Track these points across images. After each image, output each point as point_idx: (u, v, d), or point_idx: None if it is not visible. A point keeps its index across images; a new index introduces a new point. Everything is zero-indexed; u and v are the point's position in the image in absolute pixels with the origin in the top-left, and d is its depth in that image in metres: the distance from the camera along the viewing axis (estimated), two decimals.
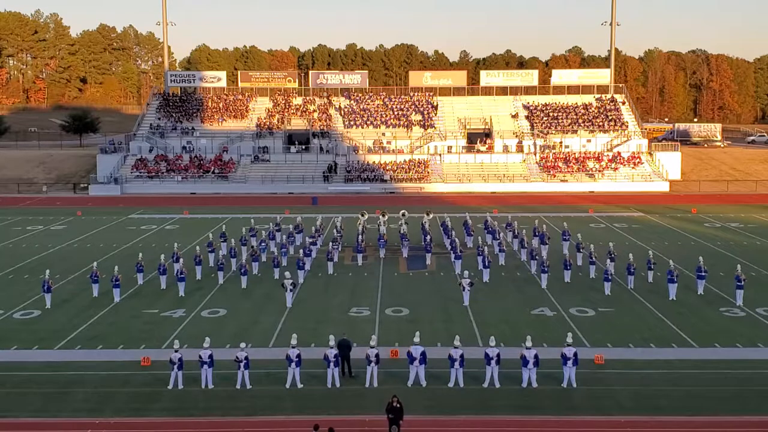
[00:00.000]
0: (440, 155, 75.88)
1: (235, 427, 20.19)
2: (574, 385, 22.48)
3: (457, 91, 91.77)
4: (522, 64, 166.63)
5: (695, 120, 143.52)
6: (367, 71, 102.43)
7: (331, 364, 22.49)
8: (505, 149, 76.69)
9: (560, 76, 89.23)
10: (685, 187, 72.27)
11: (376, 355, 22.73)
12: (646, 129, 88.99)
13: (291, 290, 31.47)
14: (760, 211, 57.86)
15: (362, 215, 45.56)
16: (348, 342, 23.80)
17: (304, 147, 77.53)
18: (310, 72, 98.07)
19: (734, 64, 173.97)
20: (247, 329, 28.33)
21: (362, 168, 73.44)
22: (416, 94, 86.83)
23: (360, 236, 41.59)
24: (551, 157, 74.68)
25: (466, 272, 32.70)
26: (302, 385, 22.58)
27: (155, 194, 69.65)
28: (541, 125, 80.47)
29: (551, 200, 64.40)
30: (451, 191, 70.16)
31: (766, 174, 77.50)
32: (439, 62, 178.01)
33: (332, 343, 23.01)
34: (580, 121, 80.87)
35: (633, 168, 73.28)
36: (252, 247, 40.04)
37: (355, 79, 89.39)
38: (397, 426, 18.47)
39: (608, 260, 35.29)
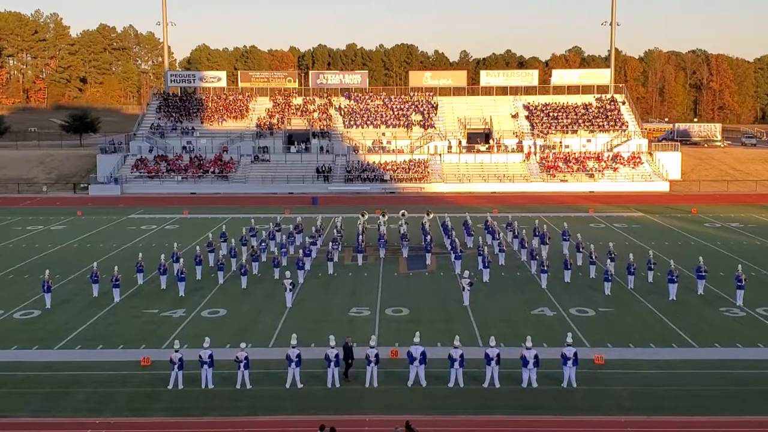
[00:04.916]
0: (440, 155, 75.89)
1: (235, 427, 20.19)
2: (574, 385, 22.47)
3: (457, 91, 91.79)
4: (522, 64, 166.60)
5: (695, 120, 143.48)
6: (367, 71, 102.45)
7: (332, 364, 22.47)
8: (505, 149, 76.72)
9: (560, 76, 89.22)
10: (685, 187, 72.25)
11: (376, 355, 22.72)
12: (646, 129, 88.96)
13: (291, 290, 31.46)
14: (760, 211, 57.86)
15: (362, 215, 45.55)
16: (350, 348, 23.33)
17: (304, 147, 77.55)
18: (310, 72, 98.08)
19: (734, 64, 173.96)
20: (247, 329, 28.32)
21: (362, 168, 73.45)
22: (416, 94, 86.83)
23: (360, 236, 41.58)
24: (551, 157, 74.68)
25: (466, 272, 32.69)
26: (302, 385, 22.57)
27: (155, 194, 69.65)
28: (541, 125, 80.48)
29: (551, 200, 64.38)
30: (451, 191, 70.16)
31: (766, 174, 77.49)
32: (439, 62, 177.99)
33: (332, 343, 23.00)
34: (580, 121, 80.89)
35: (633, 168, 73.29)
36: (252, 247, 40.02)
37: (355, 79, 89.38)
38: None
39: (608, 260, 35.29)
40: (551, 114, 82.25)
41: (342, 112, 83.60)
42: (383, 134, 79.76)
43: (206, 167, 73.85)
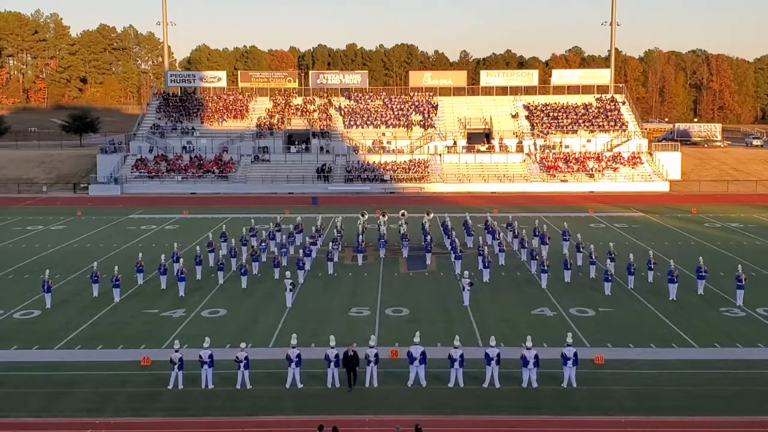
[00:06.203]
0: (440, 155, 75.89)
1: (235, 427, 20.19)
2: (574, 385, 22.47)
3: (457, 91, 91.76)
4: (522, 64, 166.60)
5: (695, 120, 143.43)
6: (367, 71, 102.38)
7: (332, 364, 22.44)
8: (505, 149, 76.72)
9: (560, 76, 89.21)
10: (685, 187, 72.25)
11: (376, 355, 22.71)
12: (646, 129, 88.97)
13: (291, 290, 31.46)
14: (760, 211, 57.85)
15: (362, 215, 45.54)
16: (353, 357, 22.61)
17: (304, 147, 77.57)
18: (310, 72, 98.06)
19: (734, 64, 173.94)
20: (247, 329, 28.32)
21: (362, 168, 73.45)
22: (416, 94, 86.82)
23: (360, 236, 41.58)
24: (551, 157, 74.68)
25: (466, 272, 32.69)
26: (302, 385, 22.57)
27: (155, 194, 69.66)
28: (541, 125, 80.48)
29: (551, 200, 64.38)
30: (451, 191, 70.16)
31: (766, 174, 77.50)
32: (439, 62, 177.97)
33: (332, 343, 22.98)
34: (580, 121, 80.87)
35: (633, 168, 73.28)
36: (252, 247, 40.02)
37: (355, 79, 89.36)
38: None
39: (608, 260, 35.27)
40: (551, 114, 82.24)
41: (342, 112, 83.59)
42: (383, 134, 79.76)
43: (206, 167, 73.84)
